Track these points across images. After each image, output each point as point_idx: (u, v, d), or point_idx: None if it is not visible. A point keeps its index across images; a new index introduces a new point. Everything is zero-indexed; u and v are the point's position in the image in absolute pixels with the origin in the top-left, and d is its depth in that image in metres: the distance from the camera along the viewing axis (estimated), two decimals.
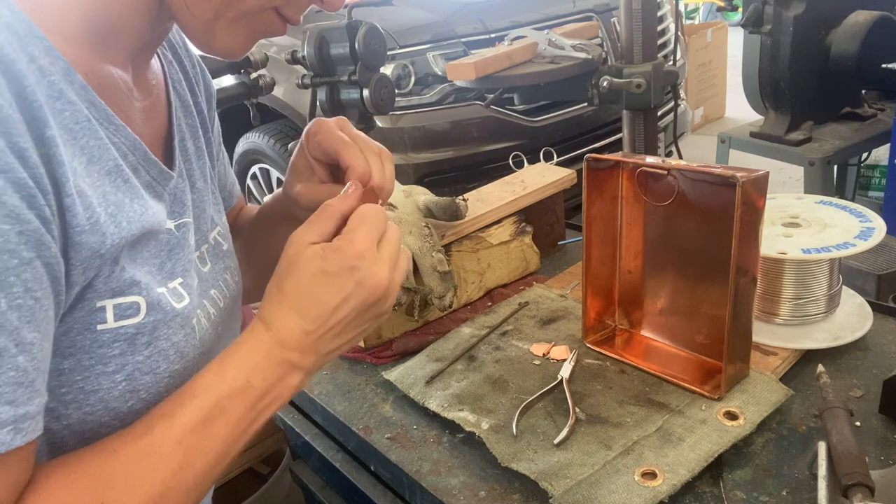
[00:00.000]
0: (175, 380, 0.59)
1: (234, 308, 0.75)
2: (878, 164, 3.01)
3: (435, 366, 1.01)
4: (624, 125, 1.73)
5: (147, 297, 0.56)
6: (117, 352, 0.54)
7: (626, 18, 1.60)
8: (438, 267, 1.09)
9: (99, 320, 0.53)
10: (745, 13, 2.33)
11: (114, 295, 0.53)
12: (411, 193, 1.16)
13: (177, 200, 0.65)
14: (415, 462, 0.86)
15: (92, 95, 0.53)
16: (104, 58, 0.58)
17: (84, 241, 0.50)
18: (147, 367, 0.56)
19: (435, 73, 2.76)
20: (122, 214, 0.53)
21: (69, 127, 0.51)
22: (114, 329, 0.54)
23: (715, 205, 0.88)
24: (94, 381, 0.53)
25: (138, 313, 0.55)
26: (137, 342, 0.55)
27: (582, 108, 2.93)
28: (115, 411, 0.55)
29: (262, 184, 3.43)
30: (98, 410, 0.54)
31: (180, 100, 0.71)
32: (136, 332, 0.55)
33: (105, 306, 0.53)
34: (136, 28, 0.59)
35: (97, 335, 0.53)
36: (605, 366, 0.98)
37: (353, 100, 1.55)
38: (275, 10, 0.61)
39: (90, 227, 0.50)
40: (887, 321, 1.03)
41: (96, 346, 0.53)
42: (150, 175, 0.60)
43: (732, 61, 4.98)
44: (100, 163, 0.53)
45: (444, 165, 2.80)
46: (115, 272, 0.53)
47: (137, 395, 0.56)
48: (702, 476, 0.77)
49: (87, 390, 0.53)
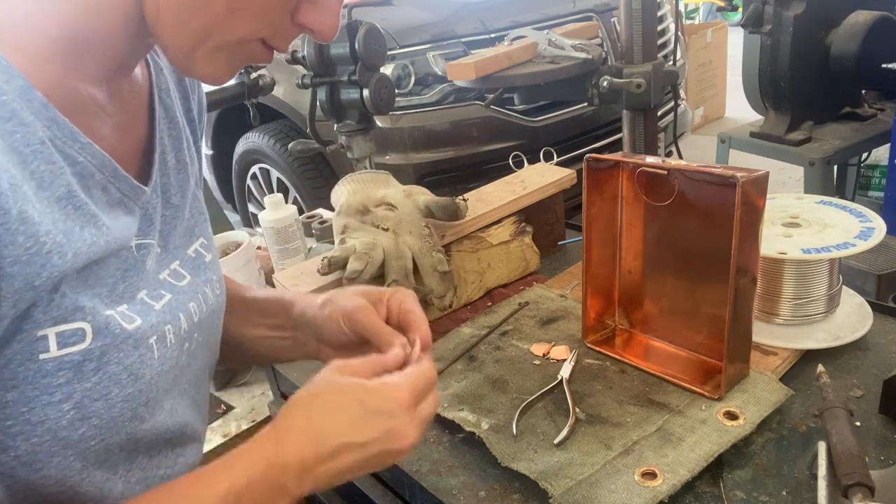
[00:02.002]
0: (130, 403, 0.57)
1: (213, 322, 0.72)
2: (878, 164, 3.01)
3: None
4: (624, 125, 1.73)
5: (93, 321, 0.53)
6: (63, 380, 0.52)
7: (626, 18, 1.60)
8: (438, 267, 1.09)
9: (41, 349, 0.50)
10: (745, 13, 2.33)
11: (56, 323, 0.51)
12: (411, 193, 1.16)
13: (146, 217, 0.62)
14: (415, 462, 0.86)
15: (54, 113, 0.51)
16: (75, 75, 0.55)
17: (17, 272, 0.47)
18: (97, 393, 0.54)
19: (435, 73, 2.76)
20: (69, 245, 0.50)
21: (19, 150, 0.48)
22: (58, 357, 0.51)
23: (715, 205, 0.88)
24: (41, 412, 0.51)
25: (84, 339, 0.53)
26: (84, 369, 0.53)
27: (582, 108, 2.92)
28: (64, 440, 0.53)
29: (262, 184, 3.43)
30: (46, 441, 0.52)
31: (165, 110, 0.69)
32: (82, 358, 0.53)
33: (47, 335, 0.50)
34: (113, 46, 0.57)
35: (40, 365, 0.51)
36: (605, 366, 0.98)
37: (353, 100, 1.55)
38: (261, 41, 0.59)
39: (27, 258, 0.47)
40: (887, 321, 1.03)
41: (40, 375, 0.51)
42: (120, 191, 0.58)
43: (732, 61, 4.98)
44: (50, 189, 0.50)
45: (444, 165, 2.80)
46: (56, 300, 0.51)
47: (88, 422, 0.54)
48: (702, 476, 0.77)
49: (33, 421, 0.51)
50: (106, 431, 0.55)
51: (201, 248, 0.72)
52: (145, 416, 0.60)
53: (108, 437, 0.56)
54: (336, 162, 2.94)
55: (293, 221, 1.57)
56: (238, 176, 3.55)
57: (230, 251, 1.39)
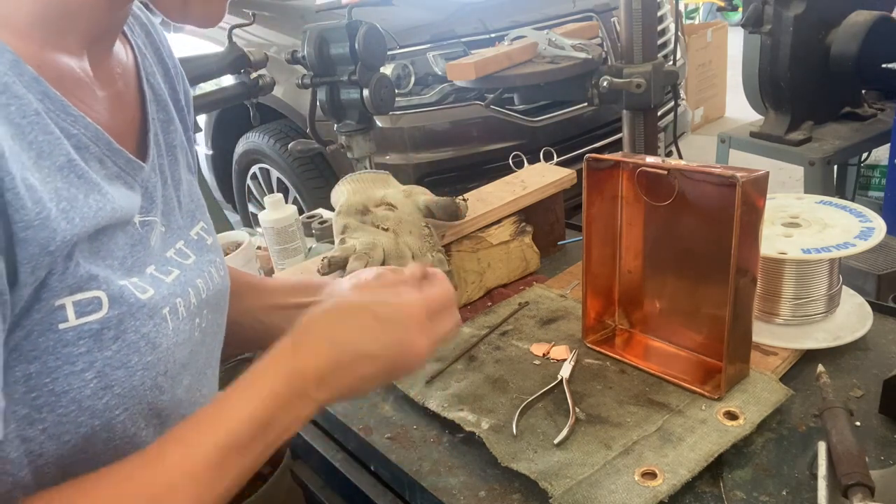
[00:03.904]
0: (149, 371, 0.58)
1: (220, 301, 0.74)
2: (878, 164, 3.01)
3: (435, 366, 1.01)
4: (624, 125, 1.73)
5: (108, 290, 0.54)
6: (84, 349, 0.53)
7: (626, 18, 1.60)
8: (438, 267, 1.09)
9: (60, 319, 0.51)
10: (745, 13, 2.33)
11: (72, 292, 0.52)
12: (411, 193, 1.16)
13: (147, 195, 0.63)
14: (415, 462, 0.86)
15: (45, 87, 0.52)
16: (58, 47, 0.56)
17: (31, 237, 0.48)
18: (117, 361, 0.55)
19: (435, 73, 2.76)
20: (74, 210, 0.51)
21: (15, 122, 0.49)
22: (77, 326, 0.52)
23: (715, 205, 0.88)
24: (64, 382, 0.52)
25: (101, 308, 0.54)
26: (104, 337, 0.54)
27: (582, 108, 2.92)
28: (90, 410, 0.54)
29: (262, 184, 3.43)
30: (72, 411, 0.53)
31: (154, 93, 0.70)
32: (100, 327, 0.54)
33: (64, 304, 0.52)
34: (94, 14, 0.58)
35: (60, 335, 0.52)
36: (605, 366, 0.98)
37: (353, 100, 1.54)
38: None
39: (39, 223, 0.48)
40: (887, 321, 1.03)
41: (60, 345, 0.52)
42: (117, 166, 0.58)
43: (732, 61, 4.98)
44: (50, 158, 0.51)
45: (444, 165, 2.80)
46: (70, 268, 0.52)
47: (111, 391, 0.55)
48: (702, 476, 0.77)
49: (57, 392, 0.52)
50: (128, 400, 0.56)
51: (202, 232, 0.73)
52: (165, 387, 0.61)
53: (130, 406, 0.57)
54: (336, 162, 2.94)
55: (293, 221, 1.57)
56: (238, 176, 3.55)
57: (230, 251, 1.39)
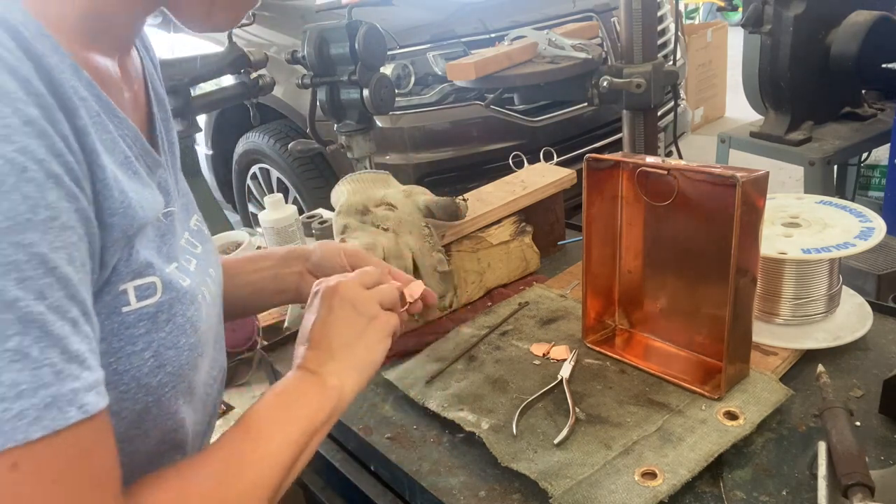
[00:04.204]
0: (192, 352, 0.63)
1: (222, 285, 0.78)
2: (878, 164, 3.01)
3: (435, 366, 1.01)
4: (624, 125, 1.73)
5: (161, 276, 0.59)
6: (143, 331, 0.57)
7: (626, 18, 1.60)
8: (438, 267, 1.09)
9: (123, 303, 0.56)
10: (745, 13, 2.33)
11: (133, 277, 0.56)
12: (411, 193, 1.16)
13: (163, 189, 0.67)
14: (415, 462, 0.86)
15: (97, 90, 0.55)
16: (99, 51, 0.59)
17: (116, 223, 0.52)
18: (169, 342, 0.60)
19: (435, 73, 2.76)
20: (143, 200, 0.56)
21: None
22: (137, 310, 0.57)
23: (715, 205, 0.88)
24: (126, 361, 0.56)
25: (156, 293, 0.58)
26: (159, 319, 0.59)
27: (582, 108, 2.92)
28: (146, 387, 0.58)
29: (262, 184, 3.43)
30: (132, 388, 0.57)
31: (155, 93, 0.73)
32: (156, 310, 0.58)
33: (127, 289, 0.56)
34: (129, 19, 0.61)
35: (123, 318, 0.56)
36: (605, 366, 0.98)
37: (353, 100, 1.55)
38: None
39: (123, 210, 0.53)
40: (887, 321, 1.03)
41: (123, 328, 0.56)
42: (147, 165, 0.62)
43: (732, 61, 4.98)
44: (113, 154, 0.55)
45: (444, 165, 2.80)
46: (132, 255, 0.56)
47: (164, 370, 0.60)
48: (702, 476, 0.77)
49: (120, 371, 0.56)
50: (176, 378, 0.61)
51: (199, 223, 0.78)
52: (199, 365, 0.66)
53: (177, 383, 0.62)
54: (336, 162, 2.94)
55: (293, 221, 1.57)
56: (238, 176, 3.55)
57: (230, 251, 1.39)
